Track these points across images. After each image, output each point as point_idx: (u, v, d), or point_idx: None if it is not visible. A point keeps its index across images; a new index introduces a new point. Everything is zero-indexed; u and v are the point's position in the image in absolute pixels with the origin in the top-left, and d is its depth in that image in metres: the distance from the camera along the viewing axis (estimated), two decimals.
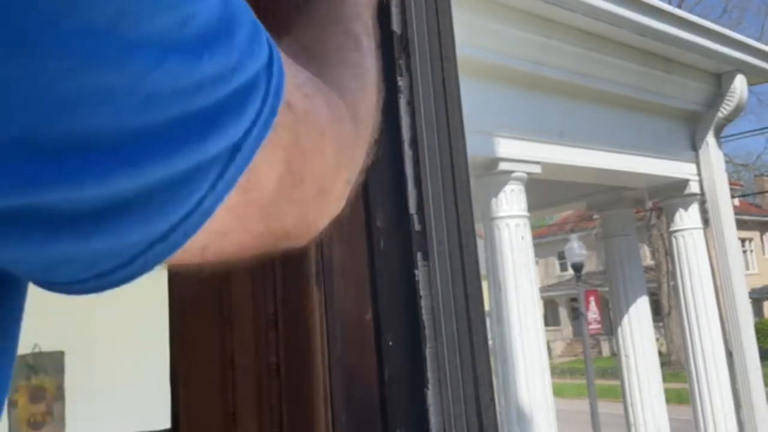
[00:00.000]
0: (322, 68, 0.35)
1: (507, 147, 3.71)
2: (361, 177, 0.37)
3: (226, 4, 0.24)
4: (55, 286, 0.25)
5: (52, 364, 2.18)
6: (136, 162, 0.22)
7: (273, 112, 0.26)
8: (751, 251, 23.40)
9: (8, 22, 0.19)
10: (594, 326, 11.73)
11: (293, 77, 0.28)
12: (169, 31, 0.21)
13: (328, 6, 0.42)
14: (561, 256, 19.95)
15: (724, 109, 4.77)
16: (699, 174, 4.84)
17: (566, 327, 24.24)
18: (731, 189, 5.53)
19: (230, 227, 0.27)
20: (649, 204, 6.65)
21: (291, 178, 0.29)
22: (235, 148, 0.24)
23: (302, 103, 0.29)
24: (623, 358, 4.94)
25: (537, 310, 3.76)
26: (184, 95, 0.22)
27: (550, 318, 22.51)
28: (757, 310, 19.19)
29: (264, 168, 0.27)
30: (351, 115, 0.34)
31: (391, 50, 0.64)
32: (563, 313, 24.53)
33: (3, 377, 0.27)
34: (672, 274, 5.74)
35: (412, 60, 0.64)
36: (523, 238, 3.74)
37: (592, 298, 11.67)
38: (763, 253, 24.02)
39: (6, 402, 0.28)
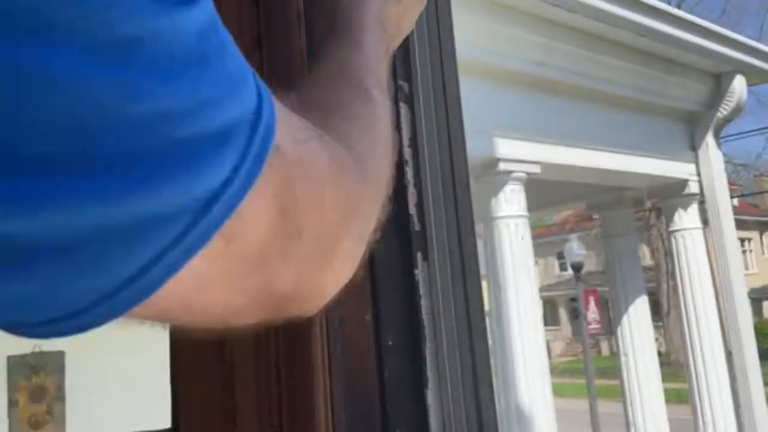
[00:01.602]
0: (329, 121, 0.32)
1: (507, 147, 3.71)
2: (375, 235, 0.34)
3: (204, 35, 0.22)
4: (5, 328, 0.23)
5: (52, 364, 2.18)
6: (76, 197, 0.19)
7: (260, 160, 0.24)
8: (751, 251, 23.41)
9: None
10: (593, 326, 11.72)
11: (286, 123, 0.26)
12: (113, 46, 0.19)
13: (338, 61, 0.40)
14: (560, 256, 19.95)
15: (724, 110, 4.77)
16: (698, 174, 4.84)
17: (566, 327, 24.24)
18: (730, 189, 5.53)
19: (212, 281, 0.24)
20: (649, 204, 6.65)
21: (286, 230, 0.26)
22: (213, 197, 0.22)
23: (294, 149, 0.27)
24: (623, 358, 4.94)
25: (536, 310, 3.76)
26: (141, 127, 0.20)
27: (550, 318, 22.51)
28: (757, 310, 19.18)
29: (251, 217, 0.24)
30: (359, 169, 0.32)
31: None
32: (563, 313, 24.54)
33: None
34: (671, 274, 5.75)
35: (412, 60, 0.64)
36: (522, 237, 3.74)
37: (591, 298, 11.66)
38: (763, 253, 24.03)
39: None
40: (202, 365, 0.68)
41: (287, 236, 0.27)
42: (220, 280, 0.25)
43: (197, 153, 0.22)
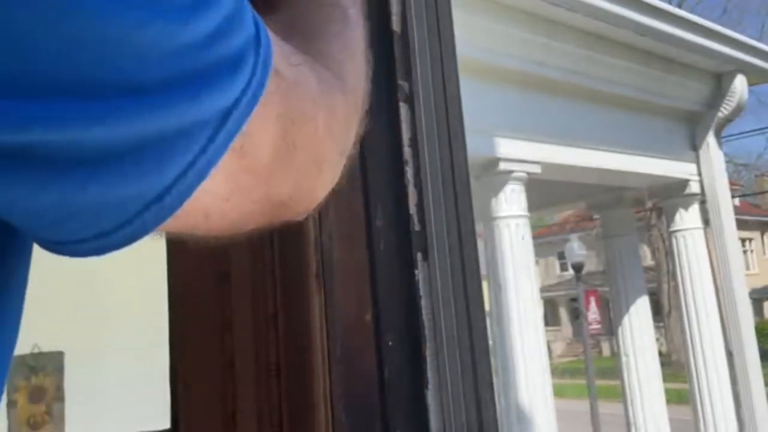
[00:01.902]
0: (308, 42, 0.36)
1: (507, 147, 3.71)
2: (354, 149, 0.38)
3: None
4: (56, 246, 0.26)
5: (51, 364, 2.18)
6: (128, 113, 0.23)
7: (262, 82, 0.27)
8: (752, 251, 23.40)
9: None
10: (594, 326, 11.72)
11: (280, 49, 0.30)
12: None
13: None
14: (561, 256, 19.95)
15: (725, 109, 4.77)
16: (699, 174, 4.84)
17: (566, 327, 24.23)
18: (731, 189, 5.53)
19: (230, 193, 0.29)
20: (649, 204, 6.65)
21: (285, 144, 0.30)
22: (226, 114, 0.26)
23: (290, 72, 0.30)
24: (623, 358, 4.94)
25: (537, 310, 3.76)
26: (175, 56, 0.24)
27: (550, 318, 22.49)
28: (758, 310, 19.18)
29: (258, 134, 0.28)
30: (341, 88, 0.36)
31: (391, 50, 0.64)
32: (563, 313, 24.53)
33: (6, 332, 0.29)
34: (672, 274, 5.75)
35: (412, 60, 0.64)
36: (523, 237, 3.74)
37: (592, 298, 11.66)
38: (764, 253, 24.02)
39: (10, 365, 0.30)
40: (202, 365, 0.68)
41: (286, 151, 0.31)
42: (236, 192, 0.29)
43: (217, 76, 0.26)
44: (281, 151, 0.30)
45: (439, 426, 0.58)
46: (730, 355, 4.63)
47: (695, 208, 4.85)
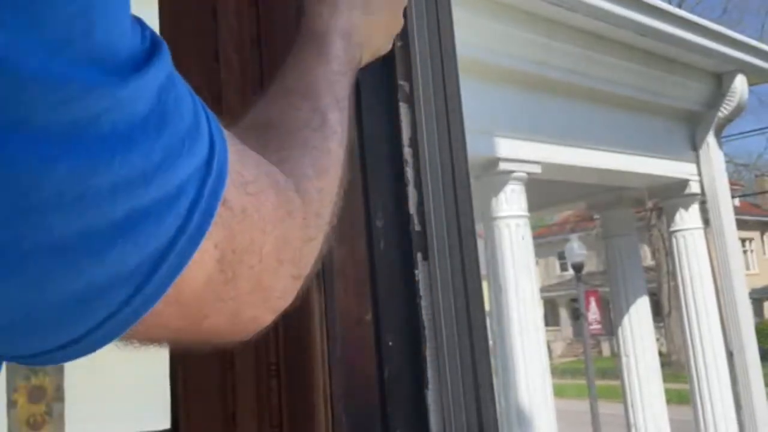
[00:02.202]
0: (281, 151, 0.34)
1: (507, 147, 3.71)
2: (317, 266, 0.36)
3: (161, 95, 0.22)
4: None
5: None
6: (24, 276, 0.20)
7: (207, 217, 0.24)
8: (752, 251, 23.42)
9: None
10: (594, 326, 11.73)
11: (238, 174, 0.27)
12: (71, 124, 0.19)
13: (300, 74, 0.41)
14: (561, 256, 19.96)
15: (725, 109, 4.77)
16: (699, 174, 4.84)
17: (566, 327, 24.24)
18: (731, 189, 5.53)
19: (146, 321, 0.25)
20: (649, 204, 6.66)
21: (222, 276, 0.27)
22: (159, 259, 0.23)
23: (241, 201, 0.27)
24: (623, 359, 4.94)
25: (537, 310, 3.76)
26: (91, 199, 0.20)
27: (550, 318, 22.50)
28: (758, 310, 19.18)
29: (191, 266, 0.25)
30: (304, 211, 0.33)
31: (391, 50, 0.64)
32: (563, 313, 24.54)
33: None
34: (672, 275, 5.75)
35: (412, 60, 0.64)
36: (523, 238, 3.74)
37: (592, 299, 11.67)
38: (764, 253, 24.03)
39: None
40: (202, 365, 0.68)
41: (223, 281, 0.27)
42: (151, 319, 0.25)
43: (147, 217, 0.22)
44: (216, 282, 0.27)
45: (439, 426, 0.58)
46: (730, 355, 4.63)
47: (695, 208, 4.85)
